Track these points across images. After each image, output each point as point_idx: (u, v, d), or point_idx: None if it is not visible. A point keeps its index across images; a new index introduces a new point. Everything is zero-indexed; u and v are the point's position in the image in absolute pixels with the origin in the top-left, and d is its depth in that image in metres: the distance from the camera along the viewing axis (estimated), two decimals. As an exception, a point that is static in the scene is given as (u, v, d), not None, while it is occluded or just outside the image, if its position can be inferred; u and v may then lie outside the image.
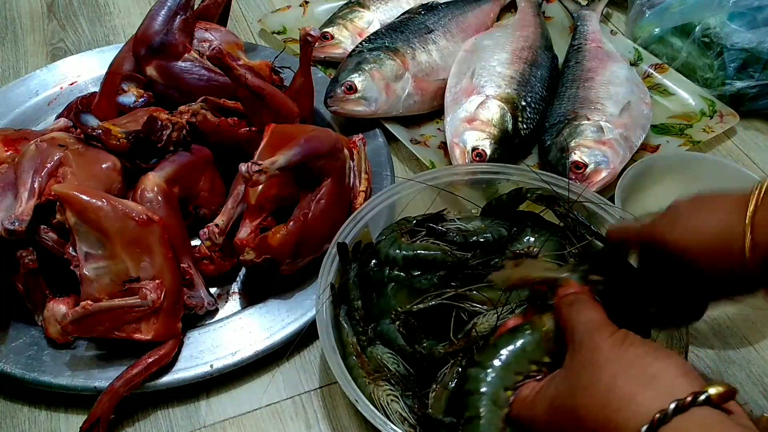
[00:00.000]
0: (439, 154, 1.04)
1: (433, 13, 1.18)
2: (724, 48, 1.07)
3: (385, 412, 0.69)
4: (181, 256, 0.83)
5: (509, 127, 1.01)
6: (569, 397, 0.48)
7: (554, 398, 0.50)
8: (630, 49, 1.18)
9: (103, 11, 1.36)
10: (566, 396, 0.48)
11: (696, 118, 1.08)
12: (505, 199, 0.83)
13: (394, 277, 0.76)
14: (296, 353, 0.83)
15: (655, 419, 0.42)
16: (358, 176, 0.93)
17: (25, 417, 0.80)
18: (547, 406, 0.50)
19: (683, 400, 0.42)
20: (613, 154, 0.96)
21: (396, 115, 1.07)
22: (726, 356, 0.83)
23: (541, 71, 1.10)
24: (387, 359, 0.72)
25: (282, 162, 0.80)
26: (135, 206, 0.79)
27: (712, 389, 0.43)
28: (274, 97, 0.93)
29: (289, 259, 0.83)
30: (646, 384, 0.44)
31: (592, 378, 0.47)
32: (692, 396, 0.42)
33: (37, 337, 0.81)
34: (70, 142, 0.86)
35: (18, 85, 1.14)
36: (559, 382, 0.50)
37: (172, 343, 0.79)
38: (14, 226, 0.77)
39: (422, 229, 0.80)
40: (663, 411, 0.42)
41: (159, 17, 1.01)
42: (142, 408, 0.79)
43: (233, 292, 0.89)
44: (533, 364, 0.55)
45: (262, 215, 0.85)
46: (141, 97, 0.98)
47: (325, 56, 1.18)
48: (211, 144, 0.93)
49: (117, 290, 0.77)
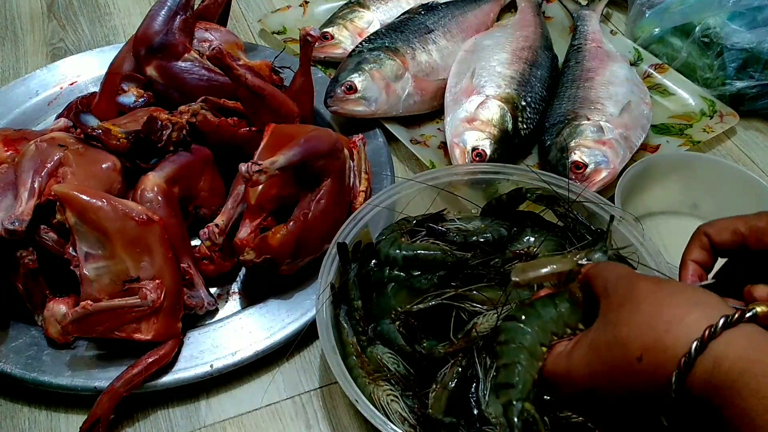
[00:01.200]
0: (439, 154, 1.04)
1: (433, 13, 1.18)
2: (724, 48, 1.07)
3: (385, 412, 0.69)
4: (181, 256, 0.83)
5: (509, 127, 1.01)
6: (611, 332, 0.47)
7: (594, 340, 0.48)
8: (630, 49, 1.18)
9: (103, 11, 1.37)
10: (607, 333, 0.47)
11: (696, 118, 1.08)
12: (505, 199, 0.83)
13: (394, 277, 0.76)
14: (296, 353, 0.83)
15: (705, 334, 0.41)
16: (358, 176, 0.93)
17: (25, 417, 0.80)
18: (585, 350, 0.48)
19: (732, 316, 0.42)
20: (613, 154, 0.96)
21: (396, 115, 1.07)
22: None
23: (541, 71, 1.10)
24: (387, 359, 0.72)
25: (282, 162, 0.80)
26: (135, 206, 0.79)
27: (759, 307, 0.43)
28: (274, 97, 0.93)
29: (289, 259, 0.83)
30: (692, 307, 0.44)
31: (633, 309, 0.46)
32: (740, 312, 0.42)
33: (37, 337, 0.81)
34: (70, 142, 0.86)
35: (18, 85, 1.14)
36: (596, 327, 0.49)
37: (172, 343, 0.79)
38: (14, 226, 0.77)
39: (422, 229, 0.80)
40: (712, 326, 0.42)
41: (159, 17, 1.01)
42: (142, 408, 0.79)
43: (233, 292, 0.89)
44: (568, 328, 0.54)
45: (262, 215, 0.85)
46: (141, 97, 0.98)
47: (325, 56, 1.18)
48: (211, 144, 0.93)
49: (117, 290, 0.77)
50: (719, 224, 0.55)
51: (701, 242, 0.56)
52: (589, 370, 0.48)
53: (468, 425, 0.67)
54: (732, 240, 0.54)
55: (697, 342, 0.42)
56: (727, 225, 0.55)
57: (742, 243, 0.54)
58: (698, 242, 0.56)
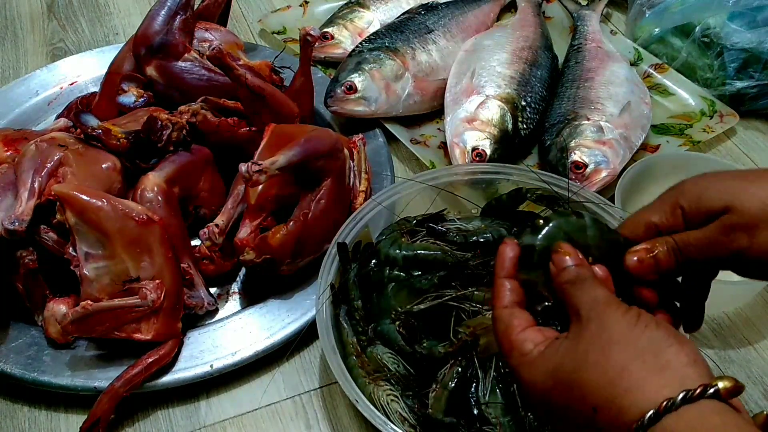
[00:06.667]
0: (439, 154, 1.04)
1: (433, 13, 1.18)
2: (724, 48, 1.07)
3: (385, 412, 0.69)
4: (181, 256, 0.83)
5: (509, 127, 1.01)
6: (575, 370, 0.47)
7: (558, 368, 0.48)
8: (630, 49, 1.18)
9: (103, 11, 1.36)
10: (572, 369, 0.47)
11: (696, 118, 1.08)
12: (505, 199, 0.83)
13: (394, 277, 0.76)
14: (296, 353, 0.83)
15: (662, 406, 0.42)
16: (358, 176, 0.93)
17: (25, 417, 0.80)
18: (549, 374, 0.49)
19: (693, 391, 0.42)
20: (613, 154, 0.96)
21: (396, 115, 1.07)
22: (726, 356, 0.83)
23: (541, 71, 1.10)
24: (387, 359, 0.72)
25: (282, 162, 0.80)
26: (135, 206, 0.79)
27: (721, 383, 0.43)
28: (274, 97, 0.93)
29: (289, 259, 0.83)
30: (657, 372, 0.44)
31: (602, 356, 0.46)
32: (702, 388, 0.42)
33: (37, 337, 0.81)
34: (70, 142, 0.86)
35: (18, 85, 1.14)
36: (564, 353, 0.49)
37: (172, 343, 0.79)
38: (14, 226, 0.77)
39: (422, 229, 0.80)
40: (671, 399, 0.42)
41: (159, 17, 1.01)
42: (142, 408, 0.79)
43: (233, 292, 0.89)
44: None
45: (262, 215, 0.85)
46: (141, 97, 0.98)
47: (325, 56, 1.18)
48: (211, 144, 0.93)
49: (117, 290, 0.77)
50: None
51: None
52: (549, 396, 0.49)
53: (468, 425, 0.67)
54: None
55: (652, 413, 0.42)
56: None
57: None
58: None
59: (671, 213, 0.55)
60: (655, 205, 0.56)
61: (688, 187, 0.55)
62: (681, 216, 0.55)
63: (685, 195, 0.55)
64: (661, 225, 0.55)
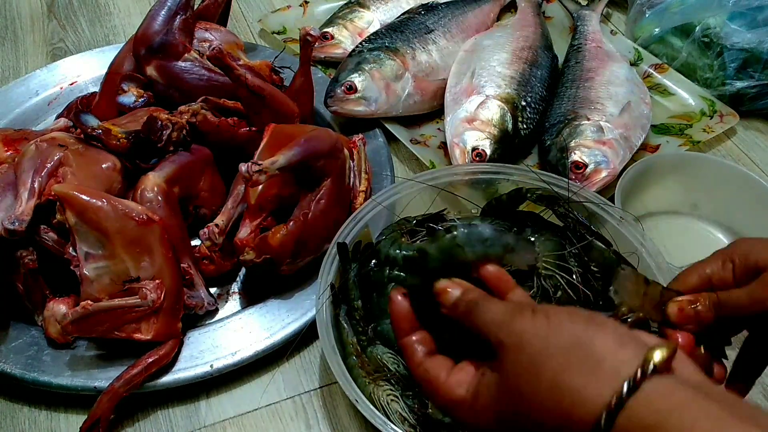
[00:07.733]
0: (439, 154, 1.04)
1: (433, 13, 1.18)
2: (724, 48, 1.07)
3: (385, 412, 0.69)
4: (181, 256, 0.83)
5: (509, 127, 1.01)
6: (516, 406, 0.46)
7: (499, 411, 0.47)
8: (630, 49, 1.18)
9: (103, 11, 1.37)
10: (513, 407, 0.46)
11: (696, 118, 1.08)
12: (505, 199, 0.82)
13: (394, 277, 0.76)
14: (296, 353, 0.83)
15: (612, 404, 0.41)
16: (358, 176, 0.93)
17: (25, 417, 0.80)
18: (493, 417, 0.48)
19: (633, 379, 0.41)
20: (613, 154, 0.96)
21: (396, 115, 1.07)
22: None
23: (541, 71, 1.10)
24: (387, 359, 0.72)
25: (282, 162, 0.80)
26: (135, 206, 0.79)
27: (656, 355, 0.42)
28: (274, 97, 0.93)
29: (289, 259, 0.83)
30: (592, 372, 0.43)
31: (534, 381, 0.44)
32: (640, 372, 0.41)
33: (37, 337, 0.81)
34: (70, 142, 0.86)
35: (18, 85, 1.14)
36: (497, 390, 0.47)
37: (172, 343, 0.79)
38: (14, 226, 0.77)
39: (422, 229, 0.80)
40: (617, 395, 0.41)
41: (159, 17, 1.01)
42: (142, 408, 0.79)
43: (233, 292, 0.89)
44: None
45: (262, 215, 0.85)
46: (141, 97, 0.98)
47: (325, 56, 1.18)
48: (211, 144, 0.93)
49: (117, 290, 0.77)
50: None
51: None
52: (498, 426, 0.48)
53: (468, 425, 0.67)
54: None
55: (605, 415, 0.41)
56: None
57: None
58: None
59: (722, 266, 0.57)
60: (711, 257, 0.58)
61: (741, 243, 0.57)
62: (731, 270, 0.56)
63: (737, 250, 0.57)
64: (713, 276, 0.57)
